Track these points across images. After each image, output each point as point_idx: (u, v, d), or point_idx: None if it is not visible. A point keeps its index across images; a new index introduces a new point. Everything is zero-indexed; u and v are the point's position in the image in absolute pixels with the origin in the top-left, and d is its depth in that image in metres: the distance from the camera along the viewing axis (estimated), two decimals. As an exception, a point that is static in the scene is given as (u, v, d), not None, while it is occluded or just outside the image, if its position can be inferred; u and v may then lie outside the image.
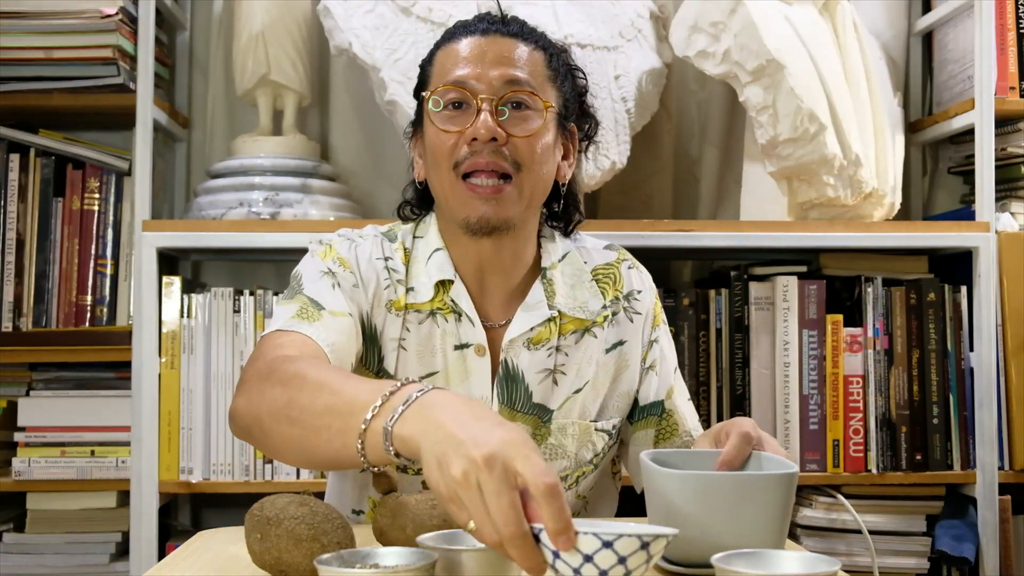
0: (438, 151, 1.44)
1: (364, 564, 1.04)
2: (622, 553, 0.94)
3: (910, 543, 2.22)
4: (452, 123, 1.44)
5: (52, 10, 2.19)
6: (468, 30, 1.49)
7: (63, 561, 2.22)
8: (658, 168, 2.47)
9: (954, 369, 2.23)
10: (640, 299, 1.59)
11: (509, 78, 1.43)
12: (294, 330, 1.37)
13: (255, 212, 2.18)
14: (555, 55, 1.52)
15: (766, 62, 2.12)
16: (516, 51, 1.46)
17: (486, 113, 1.41)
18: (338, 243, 1.51)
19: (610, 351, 1.55)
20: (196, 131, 2.53)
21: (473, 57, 1.45)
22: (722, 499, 1.10)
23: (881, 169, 2.25)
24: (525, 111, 1.45)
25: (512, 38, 1.48)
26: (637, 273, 1.61)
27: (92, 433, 2.22)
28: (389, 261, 1.50)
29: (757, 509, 1.11)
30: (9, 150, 2.30)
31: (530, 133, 1.43)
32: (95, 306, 2.27)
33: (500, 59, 1.44)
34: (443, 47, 1.50)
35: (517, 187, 1.44)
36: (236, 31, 2.32)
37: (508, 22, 1.51)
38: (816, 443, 2.20)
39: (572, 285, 1.54)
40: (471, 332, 1.48)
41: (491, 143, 1.41)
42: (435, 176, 1.47)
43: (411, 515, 1.16)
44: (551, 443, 1.51)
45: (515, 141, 1.43)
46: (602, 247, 1.62)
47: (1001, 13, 2.33)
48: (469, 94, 1.43)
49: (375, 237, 1.53)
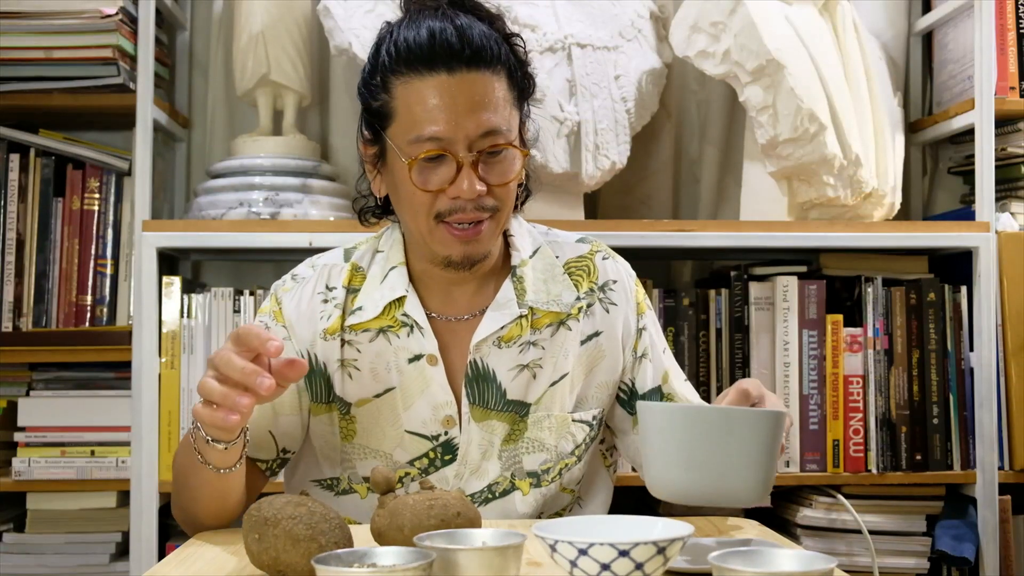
0: (415, 201, 1.42)
1: (362, 564, 1.04)
2: (639, 560, 0.94)
3: (910, 543, 2.22)
4: (431, 179, 1.41)
5: (52, 10, 2.19)
6: (428, 60, 1.40)
7: (63, 561, 2.22)
8: (658, 168, 2.47)
9: (954, 369, 2.23)
10: (616, 289, 1.57)
11: (485, 129, 1.40)
12: None
13: (255, 212, 2.18)
14: (510, 64, 1.46)
15: (766, 62, 2.12)
16: (485, 89, 1.41)
17: (469, 173, 1.40)
18: (286, 291, 1.54)
19: (585, 343, 1.54)
20: (196, 131, 2.53)
21: (445, 106, 1.39)
22: (707, 431, 1.11)
23: (881, 169, 2.25)
24: (502, 155, 1.43)
25: (476, 70, 1.40)
26: (612, 263, 1.60)
27: (92, 433, 2.22)
28: (330, 292, 1.52)
29: (742, 444, 1.11)
30: (9, 150, 2.30)
31: (509, 180, 1.43)
32: (95, 306, 2.27)
33: (472, 104, 1.40)
34: (404, 79, 1.41)
35: (495, 222, 1.45)
36: (236, 31, 2.32)
37: (467, 43, 1.40)
38: (816, 443, 2.20)
39: (545, 280, 1.53)
40: (422, 343, 1.48)
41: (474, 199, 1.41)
42: (409, 217, 1.46)
43: (408, 515, 1.16)
44: (528, 437, 1.51)
45: (494, 189, 1.42)
46: (574, 240, 1.61)
47: (1001, 13, 2.32)
48: (448, 153, 1.40)
49: (325, 266, 1.54)
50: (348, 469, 1.53)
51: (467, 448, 1.49)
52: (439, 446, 1.50)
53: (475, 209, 1.42)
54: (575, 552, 0.97)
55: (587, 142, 2.19)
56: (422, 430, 1.49)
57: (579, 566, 0.96)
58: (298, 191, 2.22)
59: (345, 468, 1.53)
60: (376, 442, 1.51)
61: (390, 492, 1.22)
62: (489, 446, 1.50)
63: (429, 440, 1.49)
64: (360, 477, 1.53)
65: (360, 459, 1.52)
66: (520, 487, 1.51)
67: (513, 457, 1.51)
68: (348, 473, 1.53)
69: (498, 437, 1.50)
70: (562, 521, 1.09)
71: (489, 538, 1.09)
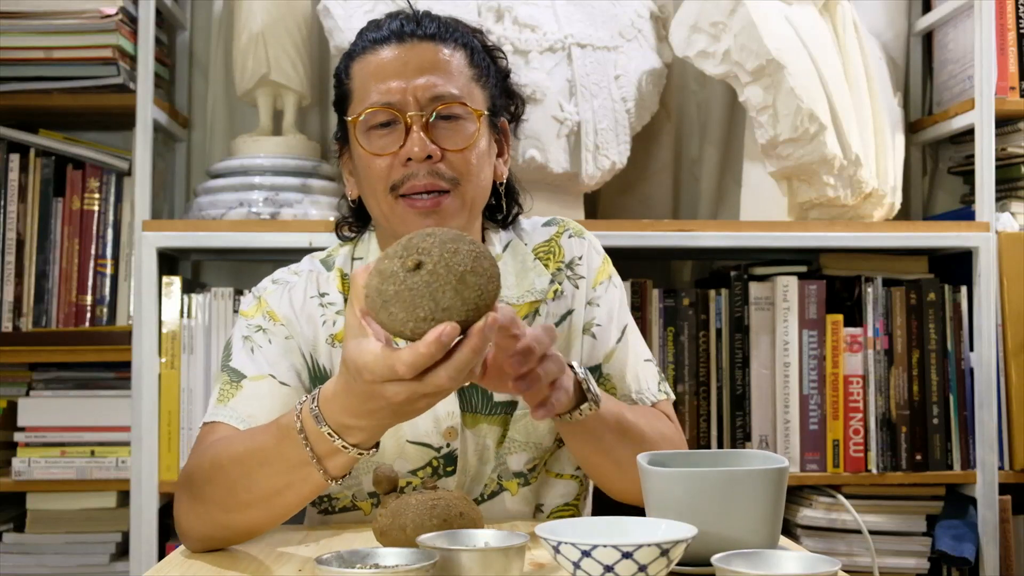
0: (372, 174, 1.41)
1: (364, 564, 1.04)
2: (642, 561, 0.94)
3: (910, 543, 2.22)
4: (382, 144, 1.40)
5: (52, 10, 2.19)
6: (383, 36, 1.42)
7: (63, 561, 2.22)
8: (658, 168, 2.48)
9: (954, 369, 2.23)
10: (582, 264, 1.52)
11: (435, 93, 1.39)
12: (215, 420, 1.38)
13: (255, 212, 2.18)
14: (475, 50, 1.46)
15: (766, 62, 2.12)
16: (438, 57, 1.41)
17: (417, 131, 1.38)
18: (270, 293, 1.48)
19: (559, 324, 1.50)
20: (196, 131, 2.53)
21: (394, 71, 1.39)
22: (710, 494, 1.10)
23: (881, 169, 2.25)
24: (457, 121, 1.40)
25: (430, 41, 1.42)
26: (578, 240, 1.54)
27: (92, 433, 2.22)
28: (325, 297, 1.48)
29: (747, 504, 1.11)
30: (9, 150, 2.30)
31: (465, 145, 1.40)
32: (95, 306, 2.27)
33: (422, 68, 1.39)
34: (359, 58, 1.44)
35: (458, 197, 1.41)
36: (236, 31, 2.32)
37: (422, 21, 1.44)
38: (816, 443, 2.20)
39: (517, 272, 1.50)
40: None
41: (426, 162, 1.38)
42: (371, 198, 1.44)
43: (411, 515, 1.16)
44: (510, 438, 1.47)
45: (450, 156, 1.39)
46: (540, 225, 1.57)
47: (1001, 13, 2.33)
48: (396, 113, 1.39)
49: (310, 272, 1.50)
50: (354, 487, 1.47)
51: (465, 457, 1.46)
52: (441, 457, 1.45)
53: (429, 175, 1.38)
54: (578, 554, 0.97)
55: (587, 142, 2.19)
56: (424, 439, 1.44)
57: (582, 568, 0.96)
58: (298, 191, 2.22)
59: (351, 486, 1.47)
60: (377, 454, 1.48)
61: (393, 491, 1.22)
62: (484, 450, 1.46)
63: (432, 450, 1.45)
64: (366, 493, 1.47)
65: (365, 472, 1.45)
66: (508, 487, 1.48)
67: (499, 459, 1.47)
68: (353, 491, 1.47)
69: (492, 440, 1.46)
70: (565, 522, 1.09)
71: (492, 539, 1.09)
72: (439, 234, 1.05)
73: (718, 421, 2.21)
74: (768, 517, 1.12)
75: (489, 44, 1.52)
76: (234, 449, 1.25)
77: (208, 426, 1.39)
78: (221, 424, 1.37)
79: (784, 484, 1.15)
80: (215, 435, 1.36)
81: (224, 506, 1.25)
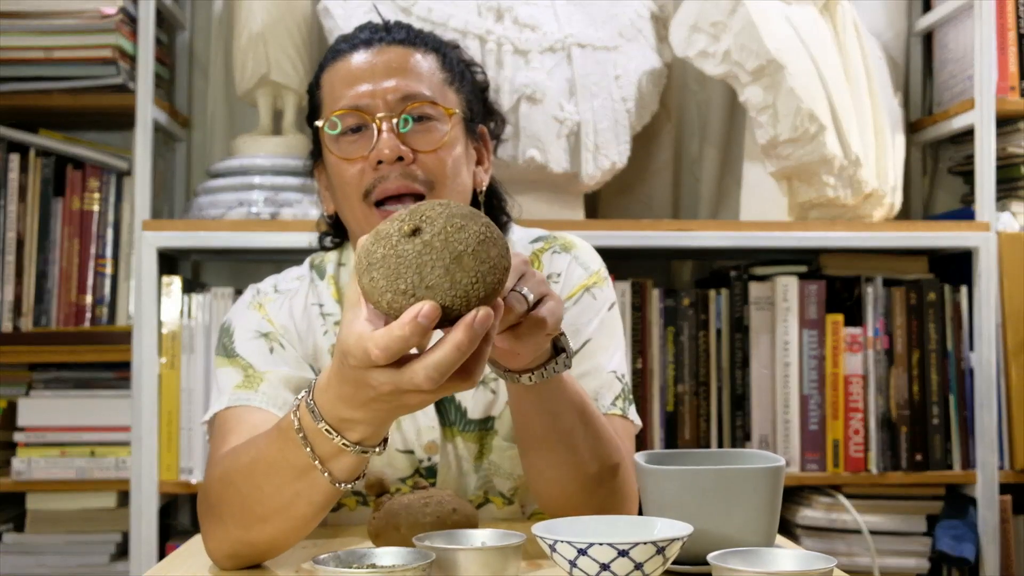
0: (344, 181, 1.37)
1: (361, 564, 1.04)
2: (638, 560, 0.94)
3: (910, 543, 2.22)
4: (353, 149, 1.36)
5: (52, 10, 2.19)
6: (352, 44, 1.41)
7: (63, 561, 2.22)
8: (658, 168, 2.47)
9: (954, 369, 2.23)
10: (559, 281, 1.45)
11: (405, 92, 1.36)
12: (240, 404, 1.33)
13: (255, 212, 2.18)
14: (448, 55, 1.44)
15: (766, 62, 2.12)
16: (407, 60, 1.38)
17: (387, 132, 1.34)
18: (271, 302, 1.45)
19: None
20: (196, 131, 2.53)
21: (362, 73, 1.37)
22: (707, 493, 1.11)
23: (881, 169, 2.25)
24: (428, 122, 1.37)
25: (399, 45, 1.40)
26: (561, 257, 1.47)
27: (92, 433, 2.22)
28: (323, 307, 1.45)
29: (743, 502, 1.11)
30: (9, 150, 2.30)
31: (437, 146, 1.36)
32: (95, 306, 2.28)
33: (391, 70, 1.37)
34: (329, 67, 1.42)
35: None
36: (236, 31, 2.32)
37: (392, 29, 1.42)
38: (816, 443, 2.20)
39: None
40: None
41: (398, 164, 1.34)
42: (346, 208, 1.40)
43: (404, 514, 1.16)
44: (493, 461, 1.44)
45: (423, 158, 1.35)
46: (529, 241, 1.51)
47: (1001, 13, 2.32)
48: (365, 115, 1.36)
49: (307, 281, 1.48)
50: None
51: (448, 470, 1.44)
52: (425, 468, 1.44)
53: (401, 177, 1.34)
54: (574, 552, 0.97)
55: (587, 142, 2.19)
56: (411, 448, 1.43)
57: (578, 566, 0.96)
58: (298, 191, 2.22)
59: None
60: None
61: (384, 494, 1.21)
62: (461, 462, 1.44)
63: (417, 459, 1.43)
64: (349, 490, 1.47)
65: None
66: (494, 501, 1.46)
67: (485, 475, 1.45)
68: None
69: (469, 455, 1.44)
70: (561, 521, 1.09)
71: (488, 538, 1.09)
72: (453, 206, 0.94)
73: (718, 421, 2.21)
74: (764, 516, 1.12)
75: (466, 59, 1.50)
76: (240, 461, 1.16)
77: (232, 414, 1.32)
78: (245, 410, 1.32)
79: (780, 483, 1.15)
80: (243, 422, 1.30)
81: (241, 523, 1.15)
